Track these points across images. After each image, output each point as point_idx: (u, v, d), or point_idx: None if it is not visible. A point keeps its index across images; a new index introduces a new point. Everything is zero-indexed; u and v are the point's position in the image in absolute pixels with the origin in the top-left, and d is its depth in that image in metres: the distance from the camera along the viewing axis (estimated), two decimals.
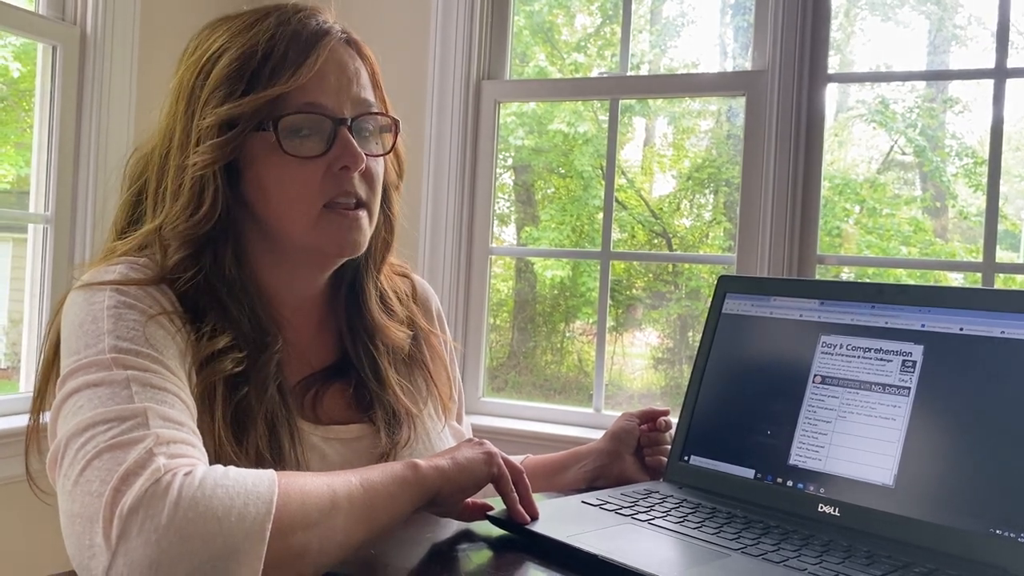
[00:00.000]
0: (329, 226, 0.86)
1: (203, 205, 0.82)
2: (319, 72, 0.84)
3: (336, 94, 0.85)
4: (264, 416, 0.81)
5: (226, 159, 0.83)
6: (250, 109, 0.82)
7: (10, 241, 2.85)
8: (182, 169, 0.83)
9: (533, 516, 0.83)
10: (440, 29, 2.51)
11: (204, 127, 0.82)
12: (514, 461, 1.13)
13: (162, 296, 0.80)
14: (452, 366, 1.09)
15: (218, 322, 0.82)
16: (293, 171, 0.84)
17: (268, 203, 0.85)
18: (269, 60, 0.83)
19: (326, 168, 0.85)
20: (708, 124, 4.68)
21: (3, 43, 2.64)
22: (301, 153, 0.83)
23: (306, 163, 0.84)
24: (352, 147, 0.85)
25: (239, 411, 0.80)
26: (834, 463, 0.89)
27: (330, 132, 0.85)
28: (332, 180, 0.85)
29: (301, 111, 0.83)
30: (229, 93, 0.82)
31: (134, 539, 0.58)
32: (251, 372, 0.82)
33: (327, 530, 0.66)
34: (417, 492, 0.75)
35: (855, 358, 0.92)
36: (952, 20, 4.28)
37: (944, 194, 4.42)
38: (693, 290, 4.51)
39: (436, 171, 2.51)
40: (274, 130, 0.82)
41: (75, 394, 0.69)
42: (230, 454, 0.77)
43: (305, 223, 0.85)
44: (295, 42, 0.84)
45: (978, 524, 0.78)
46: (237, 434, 0.79)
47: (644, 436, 1.10)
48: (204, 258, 0.83)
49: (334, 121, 0.85)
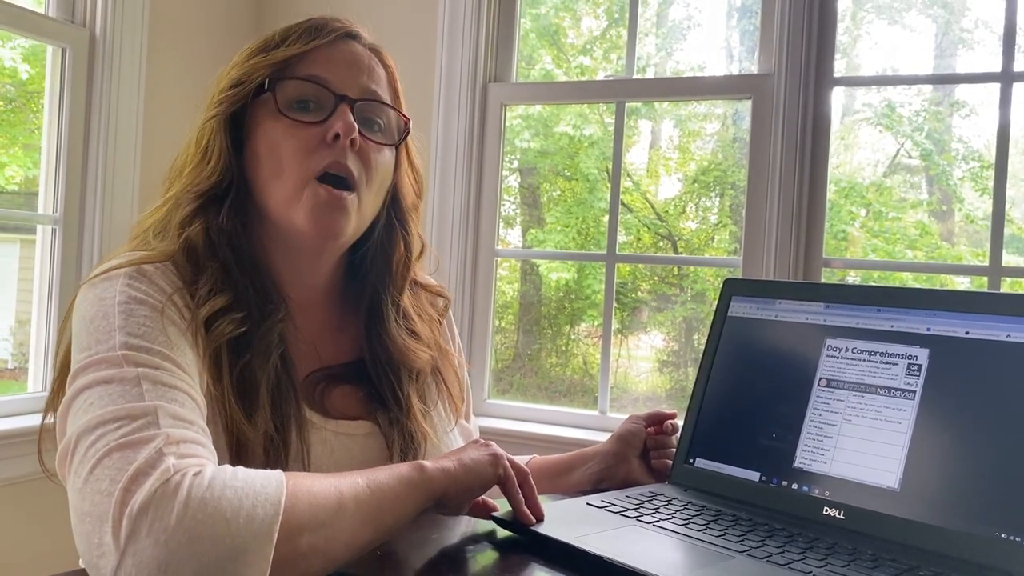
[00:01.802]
0: (311, 200, 0.85)
1: (211, 161, 0.87)
2: (331, 55, 0.89)
3: (344, 75, 0.89)
4: (267, 388, 0.82)
5: (227, 111, 0.87)
6: (256, 69, 0.87)
7: (18, 242, 2.86)
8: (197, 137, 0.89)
9: (538, 518, 0.83)
10: (447, 32, 2.51)
11: (217, 90, 0.89)
12: (520, 462, 1.14)
13: (169, 281, 0.80)
14: (460, 367, 1.09)
15: (217, 281, 0.83)
16: (287, 135, 0.86)
17: (260, 167, 0.87)
18: (288, 37, 0.89)
19: (320, 138, 0.86)
20: (714, 127, 4.68)
21: (12, 45, 2.66)
22: (297, 118, 0.86)
23: (300, 129, 0.86)
24: (348, 118, 0.86)
25: (243, 379, 0.80)
26: (839, 466, 0.89)
27: (331, 106, 0.87)
28: (325, 149, 0.86)
29: (305, 79, 0.87)
30: (246, 60, 0.89)
31: (143, 539, 0.59)
32: (253, 337, 0.82)
33: (334, 531, 0.66)
34: (423, 494, 0.75)
35: (860, 361, 0.92)
36: (959, 24, 4.27)
37: (950, 198, 4.41)
38: (698, 293, 4.50)
39: (442, 173, 2.51)
40: (272, 92, 0.86)
41: (85, 391, 0.69)
42: (240, 426, 0.78)
43: (291, 191, 0.85)
44: (314, 27, 0.90)
45: (983, 528, 0.78)
46: (245, 406, 0.79)
47: (650, 439, 1.10)
48: (210, 212, 0.86)
49: (336, 95, 0.87)
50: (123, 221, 2.25)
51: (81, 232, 2.24)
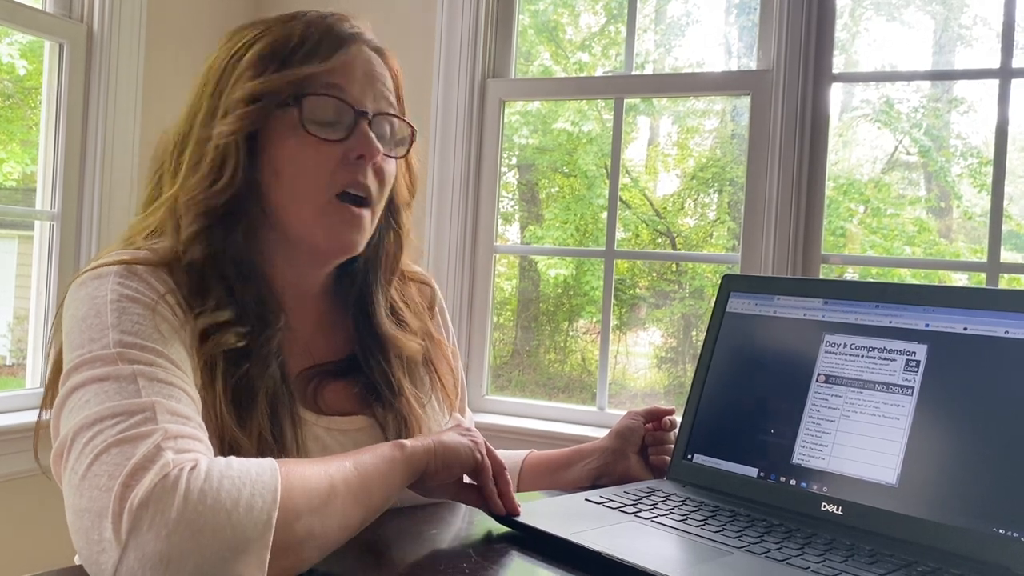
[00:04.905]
0: (333, 218, 0.86)
1: (223, 176, 0.84)
2: (348, 63, 0.87)
3: (361, 87, 0.88)
4: (265, 395, 0.82)
5: (248, 128, 0.84)
6: (278, 84, 0.84)
7: (16, 238, 2.86)
8: (205, 141, 0.85)
9: (511, 511, 0.84)
10: (445, 28, 2.51)
11: (232, 100, 0.84)
12: (515, 456, 1.14)
13: (161, 281, 0.80)
14: (455, 360, 1.09)
15: (221, 298, 0.82)
16: (310, 152, 0.85)
17: (280, 184, 0.86)
18: (303, 46, 0.86)
19: (342, 155, 0.86)
20: (712, 123, 4.68)
21: (10, 40, 2.65)
22: (321, 135, 0.85)
23: (323, 146, 0.85)
24: (370, 138, 0.86)
25: (240, 388, 0.80)
26: (837, 462, 0.89)
27: (351, 121, 0.86)
28: (346, 169, 0.86)
29: (327, 93, 0.85)
30: (261, 71, 0.85)
31: (145, 533, 0.59)
32: (252, 348, 0.82)
33: (327, 514, 0.68)
34: (406, 469, 0.77)
35: (859, 357, 0.92)
36: (957, 20, 4.28)
37: (949, 194, 4.42)
38: (697, 289, 4.51)
39: (441, 169, 2.51)
40: (298, 107, 0.84)
41: (80, 389, 0.69)
42: (233, 432, 0.78)
43: (312, 210, 0.86)
44: (328, 35, 0.87)
45: (981, 523, 0.78)
46: (239, 412, 0.79)
47: (648, 435, 1.10)
48: (215, 233, 0.84)
49: (356, 111, 0.87)
50: (121, 217, 2.24)
51: (79, 228, 2.24)
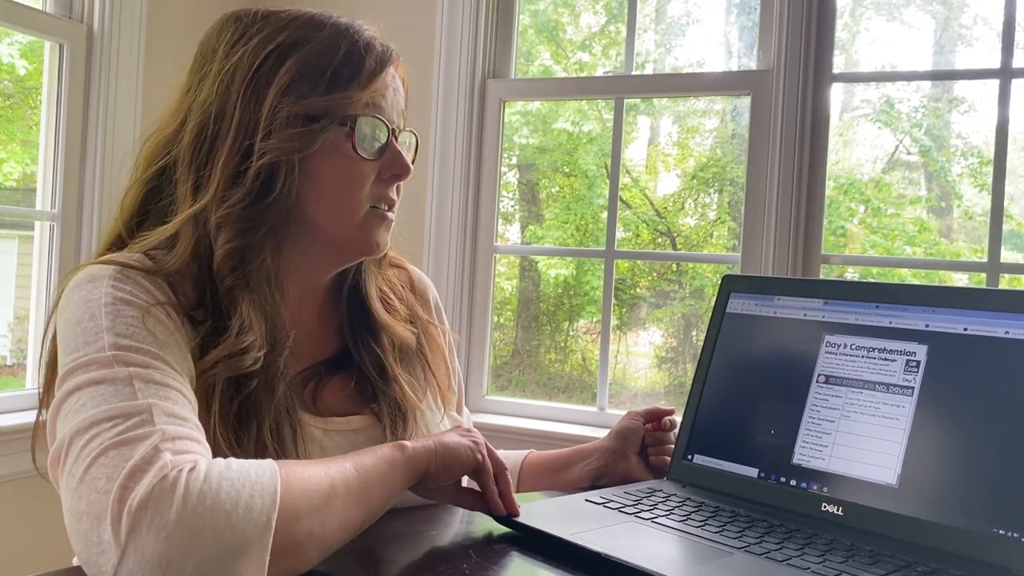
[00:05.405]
0: (372, 226, 0.90)
1: (272, 192, 0.83)
2: (384, 83, 0.89)
3: (391, 105, 0.90)
4: (269, 409, 0.82)
5: (306, 150, 0.84)
6: (333, 106, 0.85)
7: (16, 238, 2.86)
8: (244, 154, 0.83)
9: (512, 512, 0.84)
10: (445, 28, 2.51)
11: (283, 117, 0.83)
12: (515, 456, 1.14)
13: (157, 288, 0.79)
14: (451, 357, 1.09)
15: (246, 318, 0.81)
16: (355, 169, 0.87)
17: (320, 197, 0.87)
18: (347, 64, 0.86)
19: (378, 172, 0.89)
20: (713, 123, 4.68)
21: (10, 41, 2.65)
22: (366, 155, 0.87)
23: (363, 163, 0.87)
24: (403, 158, 0.90)
25: (244, 406, 0.80)
26: (838, 463, 0.89)
27: (386, 139, 0.89)
28: (381, 185, 0.90)
29: (374, 116, 0.88)
30: (310, 89, 0.84)
31: (144, 535, 0.59)
32: (261, 369, 0.82)
33: (327, 516, 0.67)
34: (407, 470, 0.77)
35: (859, 358, 0.92)
36: (958, 20, 4.27)
37: (949, 194, 4.41)
38: (697, 289, 4.51)
39: (441, 169, 2.51)
40: (350, 128, 0.86)
41: (76, 392, 0.69)
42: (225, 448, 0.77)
43: (352, 220, 0.88)
44: (370, 54, 0.88)
45: (981, 524, 0.78)
46: (236, 429, 0.79)
47: (648, 435, 1.10)
48: (252, 249, 0.83)
49: (389, 129, 0.89)
50: None
51: (79, 228, 2.24)
